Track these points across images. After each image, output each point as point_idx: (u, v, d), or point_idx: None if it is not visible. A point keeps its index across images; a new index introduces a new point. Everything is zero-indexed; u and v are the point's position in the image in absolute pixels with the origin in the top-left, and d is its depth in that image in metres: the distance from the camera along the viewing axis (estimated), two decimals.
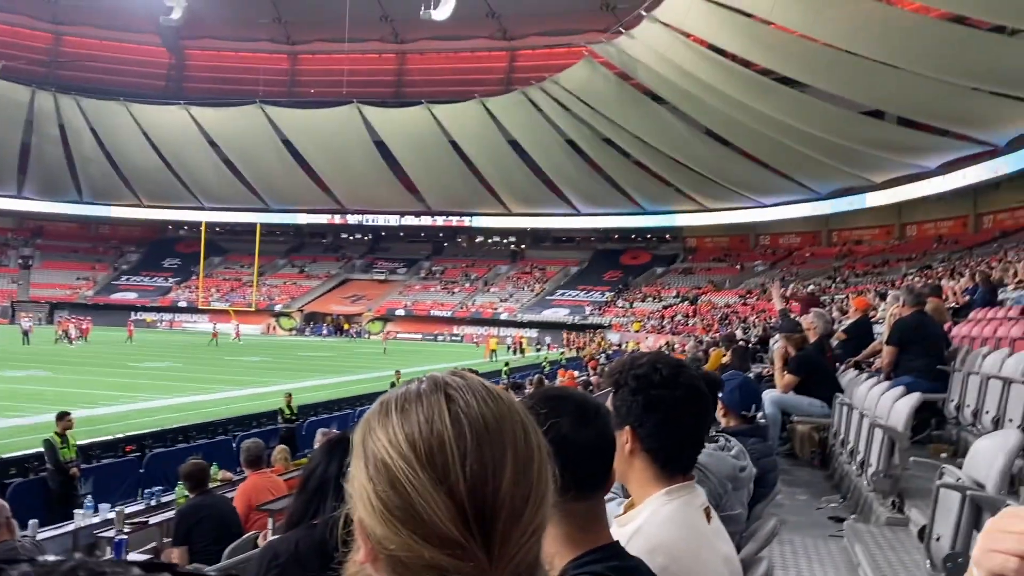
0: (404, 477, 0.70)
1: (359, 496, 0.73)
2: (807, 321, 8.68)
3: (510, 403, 0.77)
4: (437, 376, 0.78)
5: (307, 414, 16.69)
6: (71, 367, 28.53)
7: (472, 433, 0.71)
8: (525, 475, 0.72)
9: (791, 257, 56.13)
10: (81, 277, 65.63)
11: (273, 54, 64.61)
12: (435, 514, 0.68)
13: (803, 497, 6.20)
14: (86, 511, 8.14)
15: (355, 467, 0.75)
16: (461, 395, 0.74)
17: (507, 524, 0.70)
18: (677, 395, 1.76)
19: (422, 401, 0.74)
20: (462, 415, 0.72)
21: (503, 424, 0.74)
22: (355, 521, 0.74)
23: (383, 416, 0.75)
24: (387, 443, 0.72)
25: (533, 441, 0.75)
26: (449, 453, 0.70)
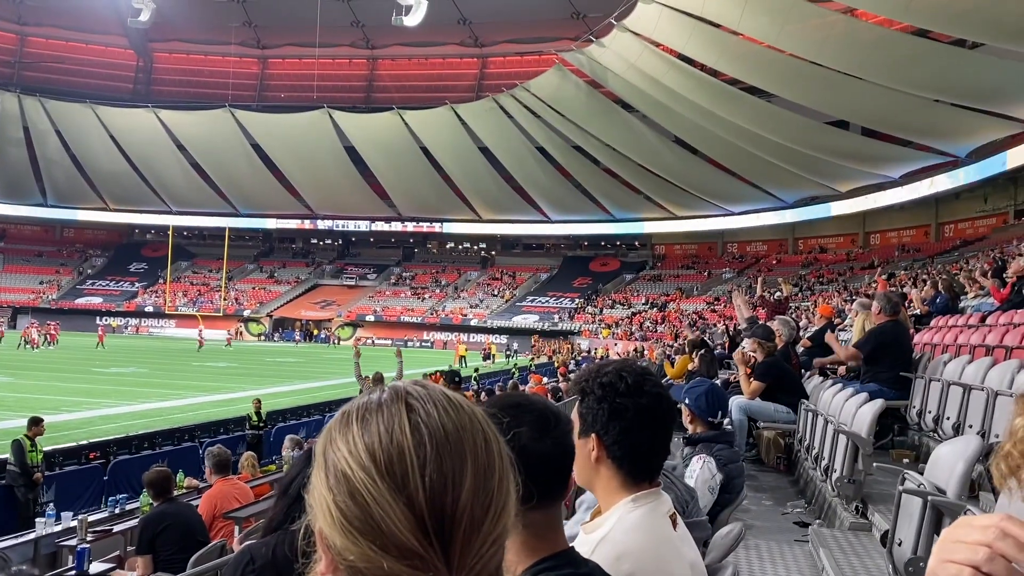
0: (363, 487, 0.69)
1: (319, 506, 0.72)
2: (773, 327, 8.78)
3: (472, 413, 0.76)
4: (398, 385, 0.77)
5: (275, 420, 16.53)
6: (34, 372, 28.00)
7: (432, 443, 0.71)
8: (485, 485, 0.72)
9: (758, 264, 56.72)
10: (45, 281, 64.48)
11: (243, 58, 64.02)
12: (394, 524, 0.68)
13: (769, 502, 6.26)
14: (48, 519, 8.00)
15: (316, 477, 0.74)
16: (421, 405, 0.74)
17: (467, 534, 0.70)
18: (641, 403, 1.77)
19: (382, 411, 0.74)
20: (422, 425, 0.72)
21: (463, 434, 0.73)
22: (316, 532, 0.74)
23: (344, 426, 0.75)
24: (347, 453, 0.72)
25: (495, 451, 0.75)
26: (408, 463, 0.70)
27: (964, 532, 0.76)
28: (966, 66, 29.88)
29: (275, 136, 56.87)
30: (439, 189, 58.94)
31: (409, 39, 57.44)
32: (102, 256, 69.95)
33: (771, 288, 23.81)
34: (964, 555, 0.73)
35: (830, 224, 50.87)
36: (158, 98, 60.92)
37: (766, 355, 7.61)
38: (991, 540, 0.73)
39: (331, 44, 58.46)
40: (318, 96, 56.76)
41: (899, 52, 30.94)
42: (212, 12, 58.44)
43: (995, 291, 11.14)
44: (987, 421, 5.35)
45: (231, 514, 6.17)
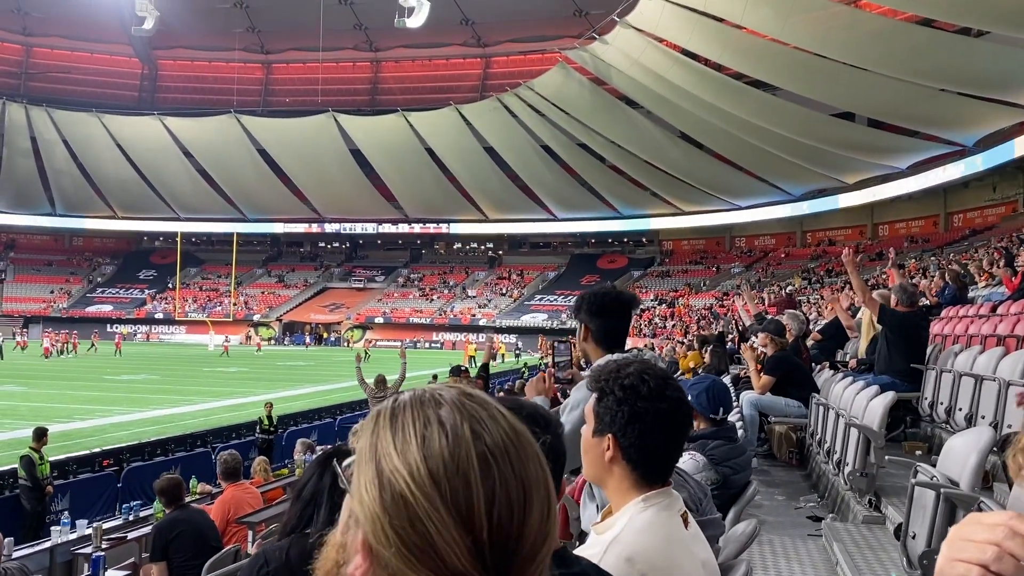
0: (427, 516, 0.67)
1: (369, 520, 0.70)
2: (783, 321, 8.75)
3: (530, 438, 0.75)
4: (456, 397, 0.75)
5: (286, 424, 16.57)
6: (46, 382, 28.16)
7: (500, 475, 0.70)
8: (546, 516, 0.72)
9: (766, 258, 56.58)
10: (55, 290, 64.80)
11: (247, 63, 64.15)
12: (457, 557, 0.67)
13: (781, 497, 6.24)
14: (63, 527, 8.03)
15: (364, 488, 0.71)
16: (485, 429, 0.72)
17: (524, 563, 0.70)
18: (662, 408, 1.77)
19: (445, 431, 0.71)
20: (488, 454, 0.70)
21: (529, 464, 0.72)
22: (357, 540, 0.72)
23: (399, 438, 0.71)
24: (408, 476, 0.69)
25: (549, 478, 0.74)
26: (475, 496, 0.68)
27: (972, 530, 0.75)
28: (972, 54, 29.73)
29: (281, 141, 57.02)
30: (445, 190, 58.99)
31: (412, 41, 57.45)
32: (111, 264, 70.27)
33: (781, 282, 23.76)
34: (972, 554, 0.73)
35: (838, 216, 50.69)
36: (163, 105, 61.17)
37: (777, 349, 7.58)
38: (1000, 539, 0.72)
39: (335, 48, 58.59)
40: (323, 100, 56.90)
41: (904, 42, 30.81)
42: (215, 18, 58.57)
43: (1007, 280, 11.08)
44: (999, 412, 5.32)
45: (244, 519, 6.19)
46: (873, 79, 33.38)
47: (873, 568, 4.09)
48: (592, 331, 2.83)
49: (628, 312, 2.92)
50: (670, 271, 60.48)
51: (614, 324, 2.85)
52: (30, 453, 10.45)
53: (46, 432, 10.89)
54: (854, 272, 7.45)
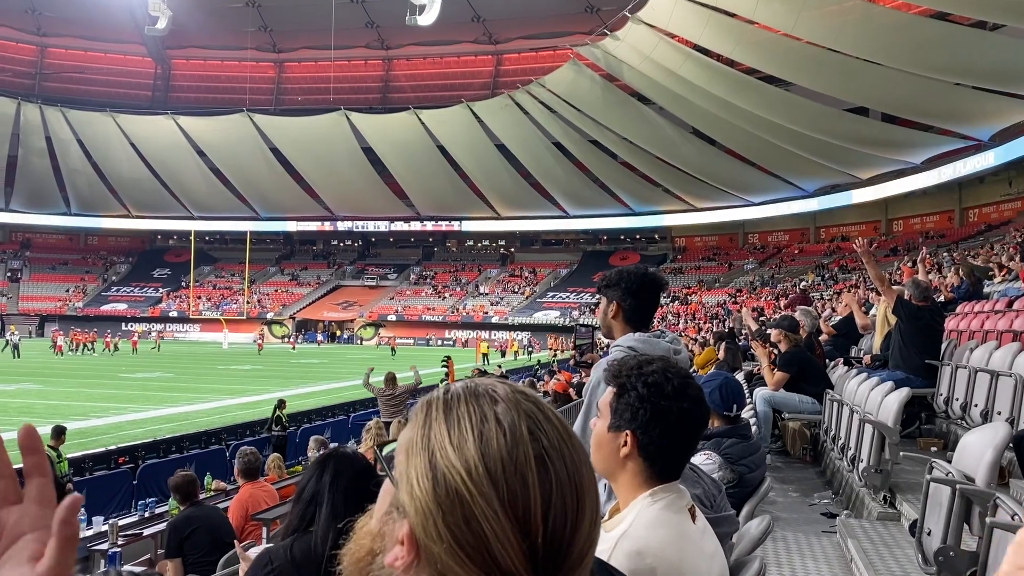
0: (483, 516, 0.66)
1: (419, 514, 0.68)
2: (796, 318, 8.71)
3: (579, 440, 0.73)
4: (512, 395, 0.73)
5: (300, 421, 16.64)
6: (61, 379, 28.38)
7: (556, 477, 0.69)
8: (596, 522, 0.71)
9: (780, 255, 56.33)
10: (71, 289, 65.30)
11: (259, 62, 64.40)
12: (511, 559, 0.66)
13: (795, 494, 6.22)
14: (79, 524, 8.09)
15: (415, 479, 0.70)
16: (542, 429, 0.71)
17: (572, 568, 0.69)
18: (684, 407, 1.76)
19: (503, 428, 0.70)
20: (545, 456, 0.69)
21: (582, 468, 0.71)
22: (401, 529, 0.71)
23: (455, 432, 0.70)
24: (465, 473, 0.68)
25: (595, 482, 0.73)
26: (533, 497, 0.67)
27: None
28: (987, 48, 29.50)
29: (293, 139, 57.22)
30: (457, 187, 59.04)
31: (423, 38, 57.54)
32: (126, 263, 70.73)
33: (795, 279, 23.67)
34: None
35: (852, 212, 50.41)
36: (176, 104, 61.49)
37: (790, 346, 7.55)
38: None
39: (346, 46, 58.73)
40: (335, 98, 57.06)
41: (918, 36, 30.60)
42: (227, 18, 58.80)
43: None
44: (1016, 407, 5.29)
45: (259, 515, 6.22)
46: (887, 73, 33.17)
47: (888, 565, 4.07)
48: (624, 309, 2.85)
49: (659, 293, 2.97)
50: (683, 268, 60.32)
51: (647, 304, 2.88)
52: (48, 451, 10.52)
53: (64, 431, 10.98)
54: (870, 262, 7.40)
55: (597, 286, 2.95)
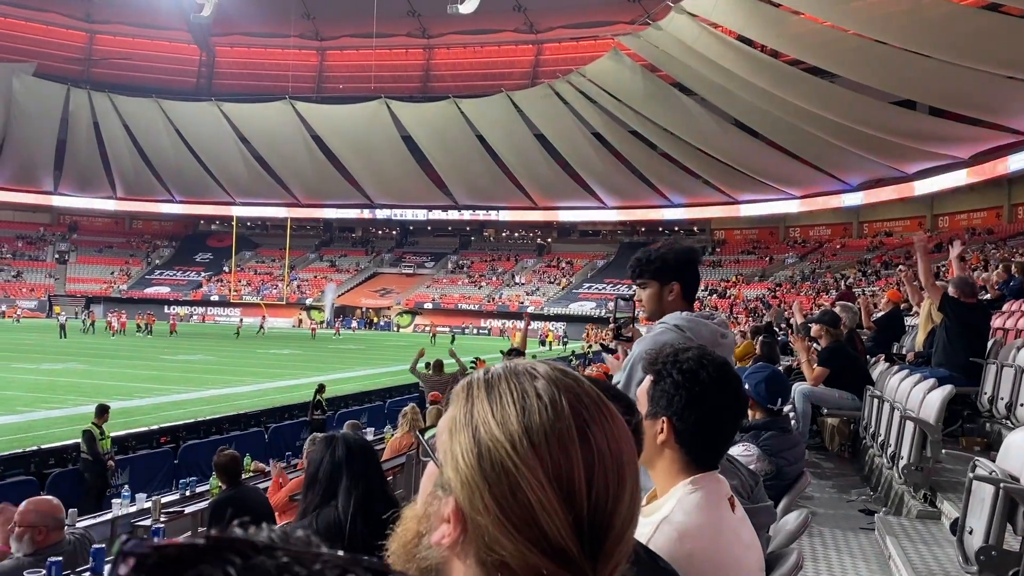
0: (528, 487, 0.68)
1: (465, 488, 0.70)
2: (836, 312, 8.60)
3: (619, 415, 0.75)
4: (552, 372, 0.75)
5: (337, 406, 16.83)
6: (106, 360, 29.01)
7: (598, 449, 0.70)
8: (636, 496, 0.73)
9: (821, 249, 55.54)
10: (116, 271, 66.64)
11: (302, 50, 65.01)
12: (558, 528, 0.67)
13: (833, 490, 6.17)
14: (123, 500, 8.29)
15: (459, 455, 0.71)
16: (582, 403, 0.72)
17: (615, 543, 0.70)
18: (722, 394, 1.77)
19: (544, 403, 0.71)
20: (587, 428, 0.70)
21: (622, 441, 0.73)
22: (446, 506, 0.72)
23: (498, 408, 0.72)
24: (510, 447, 0.69)
25: (636, 458, 0.75)
26: (576, 468, 0.69)
27: None
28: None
29: (334, 127, 57.71)
30: (495, 177, 59.10)
31: (465, 27, 57.61)
32: (169, 247, 71.98)
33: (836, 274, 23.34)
34: None
35: (896, 207, 49.50)
36: (220, 91, 62.31)
37: (831, 341, 7.47)
38: None
39: (388, 34, 59.00)
40: (375, 87, 57.39)
41: (969, 27, 29.91)
42: (271, 5, 59.40)
43: None
44: None
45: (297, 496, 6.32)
46: (936, 66, 32.47)
47: (927, 563, 4.03)
48: (674, 291, 2.80)
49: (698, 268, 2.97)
50: (721, 261, 59.76)
51: (692, 280, 2.84)
52: (91, 428, 10.79)
53: (108, 409, 11.23)
54: (924, 257, 7.25)
55: (636, 268, 2.84)
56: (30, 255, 66.24)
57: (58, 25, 62.71)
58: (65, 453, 11.54)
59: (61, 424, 15.08)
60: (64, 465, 11.17)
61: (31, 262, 65.39)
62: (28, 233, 67.90)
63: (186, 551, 0.39)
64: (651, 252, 2.84)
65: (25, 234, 67.69)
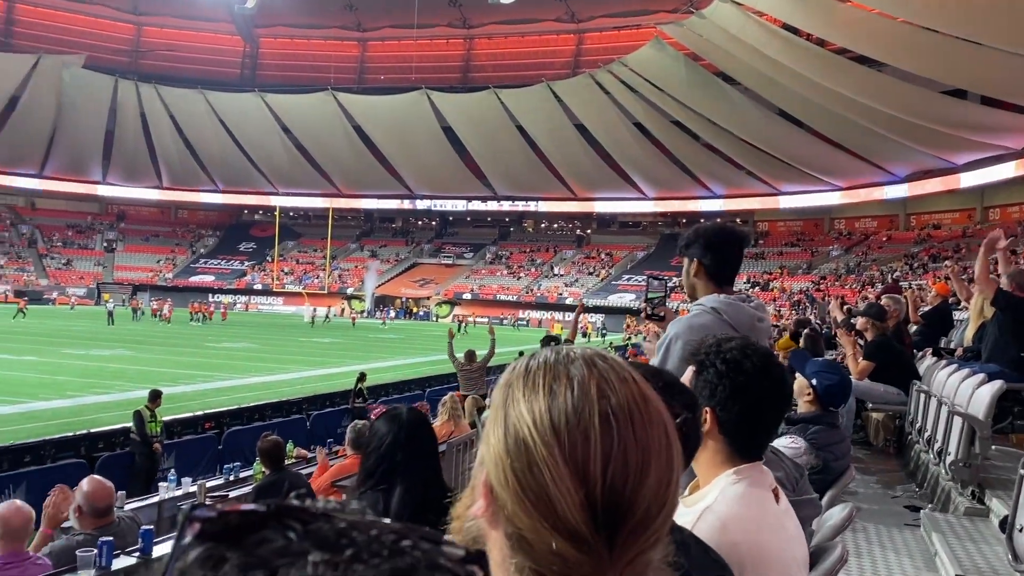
0: (543, 462, 0.69)
1: (492, 461, 0.73)
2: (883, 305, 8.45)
3: (659, 405, 0.75)
4: (589, 356, 0.76)
5: (378, 394, 16.98)
6: (153, 347, 29.61)
7: (619, 436, 0.70)
8: (668, 485, 0.72)
9: (867, 242, 54.60)
10: (162, 260, 67.93)
11: (344, 41, 65.52)
12: (568, 507, 0.68)
13: (877, 485, 6.09)
14: (169, 484, 8.47)
15: (493, 431, 0.74)
16: (612, 389, 0.73)
17: (636, 528, 0.70)
18: (764, 384, 1.76)
19: (572, 386, 0.73)
20: (611, 415, 0.71)
21: (652, 430, 0.72)
22: (482, 481, 0.75)
23: (529, 388, 0.74)
24: (530, 422, 0.71)
25: (675, 448, 0.74)
26: (592, 451, 0.69)
27: None
28: None
29: (375, 118, 58.09)
30: (534, 167, 59.02)
31: (505, 17, 57.58)
32: (214, 236, 73.14)
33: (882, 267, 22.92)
34: None
35: (945, 199, 48.43)
36: (264, 83, 63.06)
37: (877, 334, 7.34)
38: None
39: (429, 25, 59.16)
40: (416, 77, 57.61)
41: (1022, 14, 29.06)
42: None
43: None
44: None
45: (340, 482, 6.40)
46: (988, 54, 31.65)
47: (975, 561, 3.96)
48: (705, 266, 2.77)
49: (741, 248, 2.90)
50: (764, 253, 59.05)
51: (729, 259, 2.81)
52: (143, 410, 11.05)
53: (160, 394, 11.49)
54: (987, 252, 7.03)
55: (678, 247, 2.88)
56: (79, 243, 67.82)
57: (106, 18, 63.95)
58: (114, 437, 11.81)
59: (110, 409, 15.44)
60: (112, 449, 11.44)
61: (80, 250, 66.95)
62: (78, 222, 69.53)
63: (248, 516, 0.42)
64: (689, 229, 2.89)
65: (75, 223, 69.32)
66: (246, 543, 0.40)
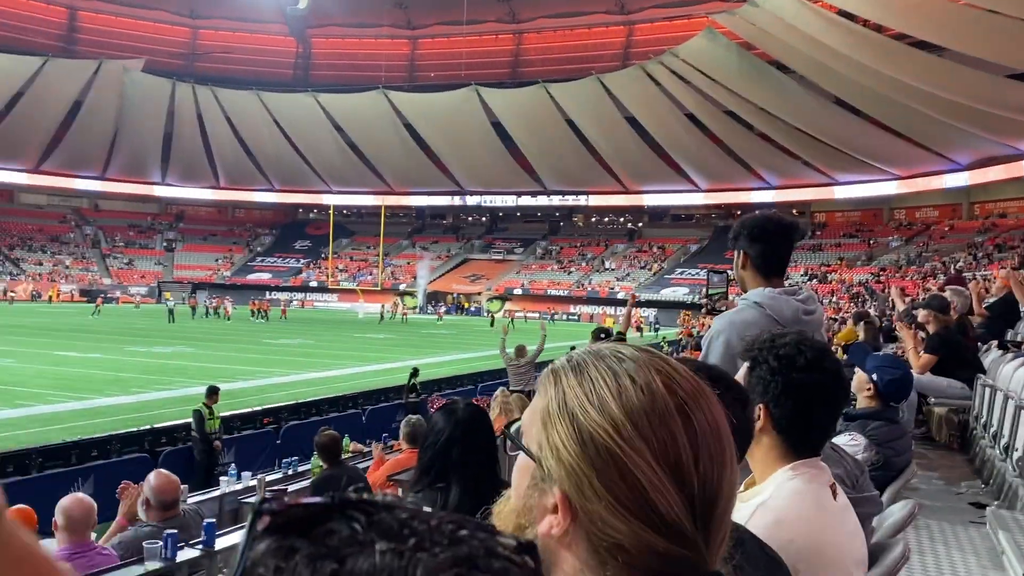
0: (638, 469, 0.68)
1: (571, 476, 0.71)
2: (945, 297, 8.23)
3: (711, 391, 0.75)
4: (637, 354, 0.75)
5: (430, 389, 17.13)
6: (212, 344, 30.28)
7: (699, 426, 0.71)
8: (736, 471, 0.74)
9: (928, 232, 53.16)
10: (220, 258, 69.43)
11: (394, 39, 66.08)
12: (671, 509, 0.68)
13: (940, 482, 5.94)
14: (230, 478, 8.65)
15: (560, 444, 0.72)
16: (675, 382, 0.72)
17: (720, 517, 0.71)
18: (818, 379, 1.73)
19: (639, 386, 0.72)
20: (685, 406, 0.71)
21: (719, 417, 0.73)
22: (549, 496, 0.72)
23: (594, 393, 0.72)
24: (613, 431, 0.70)
25: (729, 430, 0.75)
26: (682, 447, 0.69)
27: None
28: None
29: (425, 115, 58.49)
30: (584, 161, 58.78)
31: (554, 11, 57.45)
32: (270, 234, 74.53)
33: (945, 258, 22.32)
34: None
35: (1010, 187, 46.84)
36: (316, 82, 63.96)
37: (939, 327, 7.15)
38: None
39: (478, 21, 59.29)
40: (466, 74, 57.82)
41: None
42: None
43: None
44: None
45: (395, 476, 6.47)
46: None
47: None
48: (751, 257, 2.71)
49: (790, 239, 2.79)
50: (822, 245, 57.90)
51: (775, 250, 2.72)
52: (201, 408, 11.31)
53: (218, 390, 11.76)
54: None
55: (729, 240, 2.82)
56: (141, 243, 69.71)
57: (164, 22, 65.50)
58: (175, 432, 12.14)
59: (171, 405, 15.84)
60: (175, 444, 11.75)
61: (141, 250, 68.81)
62: (138, 222, 71.47)
63: (314, 509, 0.44)
64: (743, 218, 2.82)
65: (136, 223, 71.26)
66: (314, 534, 0.42)
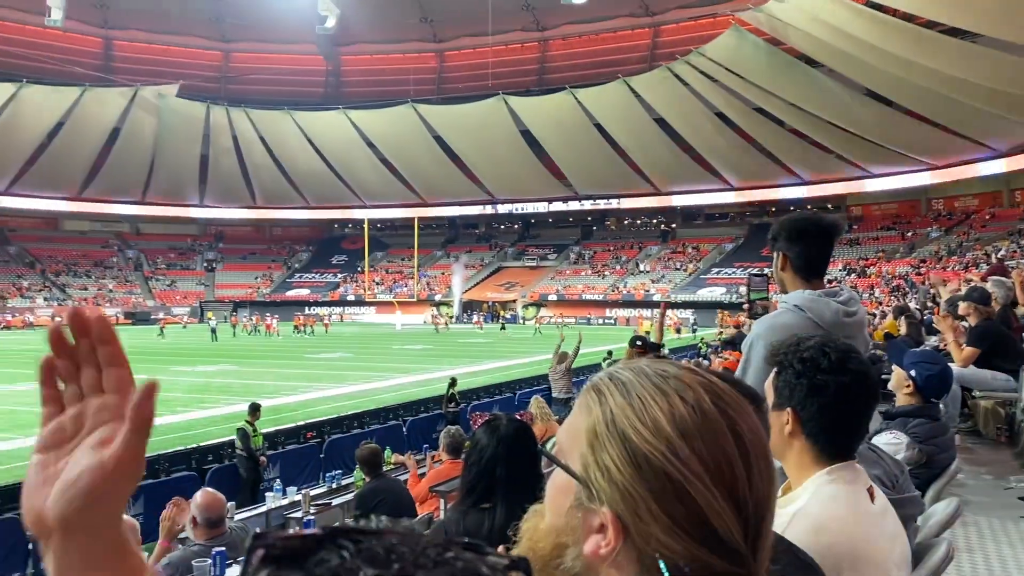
0: (697, 492, 0.69)
1: (626, 499, 0.71)
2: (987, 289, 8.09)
3: (750, 407, 0.76)
4: (681, 372, 0.75)
5: (469, 399, 17.19)
6: (255, 360, 30.68)
7: (751, 448, 0.71)
8: (776, 483, 0.74)
9: (968, 221, 52.13)
10: (259, 276, 70.39)
11: (421, 53, 66.58)
12: (728, 527, 0.69)
13: (988, 477, 5.83)
14: (275, 494, 8.78)
15: (612, 465, 0.72)
16: (724, 401, 0.73)
17: (767, 531, 0.72)
18: (844, 381, 1.73)
19: (690, 405, 0.72)
20: (736, 426, 0.71)
21: (763, 433, 0.74)
22: (596, 517, 0.72)
23: (644, 413, 0.72)
24: (669, 453, 0.70)
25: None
26: (737, 468, 0.70)
27: None
28: None
29: (455, 126, 58.82)
30: (615, 165, 58.63)
31: (579, 16, 57.43)
32: (307, 251, 75.41)
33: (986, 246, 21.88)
34: None
35: None
36: (347, 99, 64.64)
37: (981, 319, 7.04)
38: None
39: (503, 31, 59.51)
40: (493, 83, 58.06)
41: None
42: (390, 11, 61.08)
43: None
44: None
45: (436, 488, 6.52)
46: None
47: None
48: (790, 259, 2.67)
49: (830, 238, 2.72)
50: (859, 238, 57.10)
51: (814, 251, 2.67)
52: (245, 425, 11.48)
53: (259, 407, 11.93)
54: None
55: (768, 240, 2.79)
56: (182, 264, 70.94)
57: (196, 47, 66.65)
58: (221, 450, 12.32)
59: (217, 423, 16.08)
60: (221, 461, 11.93)
61: (183, 271, 70.01)
62: (179, 244, 72.75)
63: (306, 541, 0.45)
64: (781, 219, 2.79)
65: (176, 245, 72.55)
66: (307, 565, 0.44)
